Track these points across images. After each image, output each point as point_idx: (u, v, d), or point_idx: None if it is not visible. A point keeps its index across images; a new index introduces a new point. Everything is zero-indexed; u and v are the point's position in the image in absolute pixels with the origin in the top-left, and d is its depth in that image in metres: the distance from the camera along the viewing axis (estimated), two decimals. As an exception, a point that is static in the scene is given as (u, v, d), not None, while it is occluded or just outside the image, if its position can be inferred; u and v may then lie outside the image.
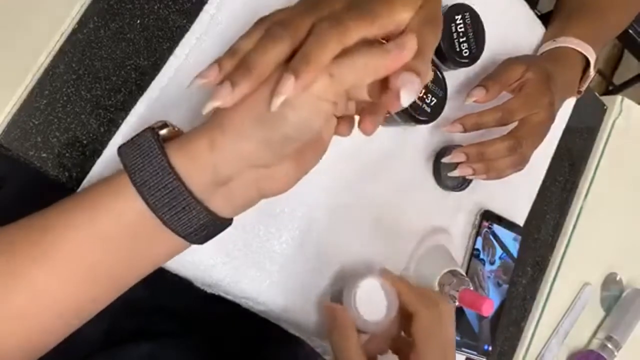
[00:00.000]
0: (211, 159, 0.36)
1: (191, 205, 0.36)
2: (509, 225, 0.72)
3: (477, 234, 0.68)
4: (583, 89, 0.70)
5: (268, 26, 0.36)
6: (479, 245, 0.69)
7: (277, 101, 0.33)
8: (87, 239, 0.36)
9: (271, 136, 0.35)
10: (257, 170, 0.37)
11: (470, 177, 0.62)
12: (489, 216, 0.70)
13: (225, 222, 0.39)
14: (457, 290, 0.55)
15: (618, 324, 0.83)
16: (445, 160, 0.60)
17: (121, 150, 0.36)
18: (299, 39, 0.34)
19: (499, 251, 0.71)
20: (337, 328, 0.49)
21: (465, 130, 0.59)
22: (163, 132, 0.38)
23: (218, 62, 0.36)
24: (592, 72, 0.67)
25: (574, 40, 0.66)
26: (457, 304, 0.56)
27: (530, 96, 0.59)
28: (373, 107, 0.38)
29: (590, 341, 0.84)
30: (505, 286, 0.72)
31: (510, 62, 0.62)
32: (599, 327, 0.85)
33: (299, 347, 0.62)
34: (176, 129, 0.39)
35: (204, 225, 0.37)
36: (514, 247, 0.73)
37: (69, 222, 0.36)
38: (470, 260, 0.68)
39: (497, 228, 0.70)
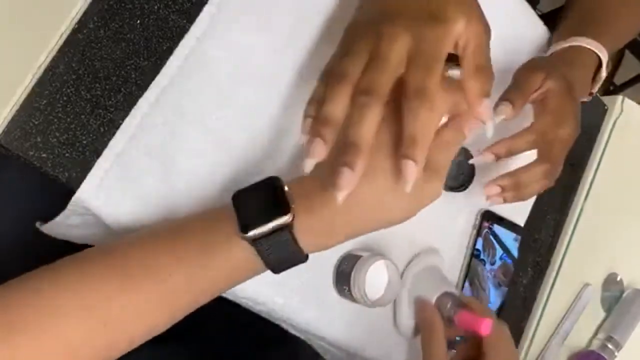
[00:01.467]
0: (329, 240, 0.43)
1: (300, 260, 0.42)
2: (510, 225, 0.72)
3: (478, 234, 0.68)
4: (595, 90, 0.68)
5: (348, 90, 0.41)
6: (479, 245, 0.69)
7: (409, 186, 0.40)
8: (194, 280, 0.40)
9: (387, 225, 0.44)
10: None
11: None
12: (489, 216, 0.69)
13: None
14: (454, 312, 0.56)
15: (618, 324, 0.83)
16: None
17: (258, 240, 0.40)
18: (384, 102, 0.40)
19: (499, 251, 0.71)
20: (428, 329, 0.56)
21: (498, 159, 0.58)
22: (287, 217, 0.41)
23: (319, 134, 0.41)
24: (604, 72, 0.66)
25: (586, 39, 0.65)
26: (455, 326, 0.56)
27: (557, 113, 0.58)
28: None
29: (590, 342, 0.84)
30: (505, 288, 0.72)
31: (528, 70, 0.60)
32: (599, 327, 0.85)
33: (299, 347, 0.62)
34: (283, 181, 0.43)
35: (293, 266, 0.43)
36: (514, 248, 0.73)
37: (184, 267, 0.40)
38: (470, 260, 0.68)
39: (497, 228, 0.70)
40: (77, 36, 0.45)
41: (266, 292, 0.53)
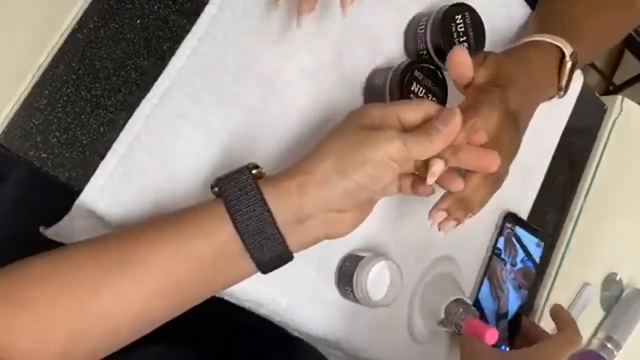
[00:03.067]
0: (298, 200, 0.41)
1: (274, 236, 0.41)
2: (532, 230, 0.74)
3: (500, 233, 0.70)
4: (563, 83, 0.61)
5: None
6: (500, 245, 0.70)
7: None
8: (175, 254, 0.40)
9: (350, 186, 0.42)
10: (330, 214, 0.43)
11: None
12: (512, 219, 0.71)
13: (290, 257, 0.43)
14: (463, 319, 0.56)
15: (618, 324, 0.84)
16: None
17: (220, 181, 0.42)
18: None
19: (521, 254, 0.72)
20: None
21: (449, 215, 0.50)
22: (254, 171, 0.43)
23: None
24: (568, 64, 0.60)
25: (545, 35, 0.60)
26: (462, 331, 0.56)
27: (476, 106, 0.51)
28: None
29: (590, 341, 0.84)
30: (525, 291, 0.73)
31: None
32: (598, 327, 0.85)
33: (302, 348, 0.62)
34: (262, 170, 0.44)
35: (277, 257, 0.42)
36: (536, 253, 0.74)
37: (160, 235, 0.41)
38: (490, 258, 0.69)
39: (520, 231, 0.72)
40: (77, 36, 0.45)
41: (268, 294, 0.53)
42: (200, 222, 0.41)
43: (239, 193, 0.41)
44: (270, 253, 0.41)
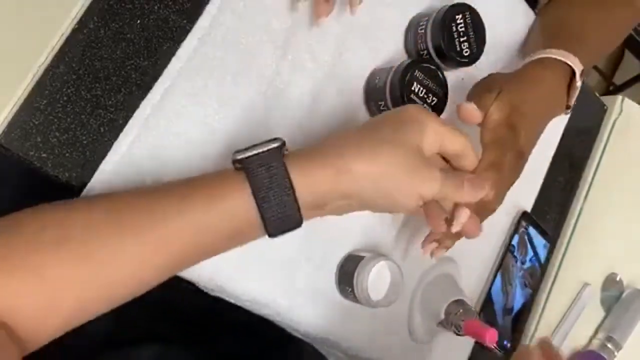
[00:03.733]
0: (325, 190, 0.42)
1: (295, 218, 0.42)
2: (542, 231, 0.75)
3: (515, 231, 0.71)
4: (572, 102, 0.61)
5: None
6: (515, 242, 0.72)
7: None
8: (195, 227, 0.40)
9: (374, 198, 0.44)
10: (342, 206, 0.44)
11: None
12: (527, 218, 0.73)
13: (297, 228, 0.43)
14: (463, 320, 0.56)
15: (618, 324, 0.84)
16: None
17: (248, 162, 0.41)
18: None
19: (530, 253, 0.74)
20: None
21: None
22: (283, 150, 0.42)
23: None
24: (578, 82, 0.60)
25: (556, 50, 0.60)
26: (462, 333, 0.57)
27: (490, 147, 0.53)
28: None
29: (590, 341, 0.84)
30: (530, 290, 0.74)
31: (482, 88, 0.57)
32: (599, 327, 0.85)
33: (302, 348, 0.62)
34: (286, 146, 0.43)
35: (287, 231, 0.42)
36: (542, 254, 0.76)
37: (182, 207, 0.40)
38: (505, 254, 0.71)
39: (532, 231, 0.74)
40: (77, 36, 0.45)
41: (269, 294, 0.53)
42: (223, 199, 0.41)
43: (268, 181, 0.40)
44: (284, 229, 0.42)
